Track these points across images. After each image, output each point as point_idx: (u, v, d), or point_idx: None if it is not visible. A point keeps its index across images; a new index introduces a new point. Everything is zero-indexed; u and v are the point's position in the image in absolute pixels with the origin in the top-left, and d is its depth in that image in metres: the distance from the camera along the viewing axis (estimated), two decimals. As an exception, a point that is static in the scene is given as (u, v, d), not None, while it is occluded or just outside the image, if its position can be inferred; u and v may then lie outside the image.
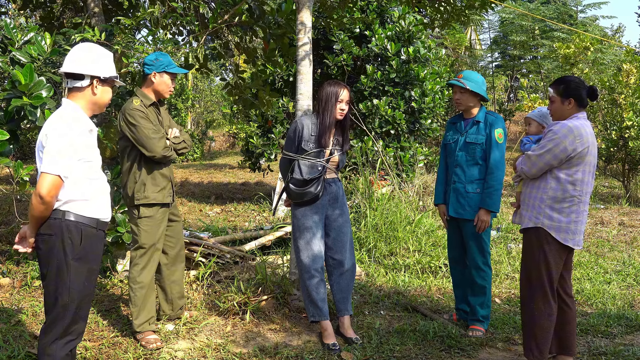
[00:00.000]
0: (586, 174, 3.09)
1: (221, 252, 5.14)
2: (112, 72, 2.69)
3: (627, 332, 3.97)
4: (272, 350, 3.47)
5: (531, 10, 17.06)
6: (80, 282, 2.52)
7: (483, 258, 3.86)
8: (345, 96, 3.65)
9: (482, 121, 3.86)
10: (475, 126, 3.87)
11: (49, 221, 2.49)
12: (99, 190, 2.62)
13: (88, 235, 2.54)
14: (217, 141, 23.66)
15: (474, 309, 3.88)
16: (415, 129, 8.53)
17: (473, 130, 3.87)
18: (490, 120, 3.84)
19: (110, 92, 2.71)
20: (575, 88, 3.11)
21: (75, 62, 2.59)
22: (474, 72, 3.95)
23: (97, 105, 2.68)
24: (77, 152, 2.49)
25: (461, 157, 3.88)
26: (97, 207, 2.59)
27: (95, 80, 2.61)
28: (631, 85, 10.58)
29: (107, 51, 2.72)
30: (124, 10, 6.47)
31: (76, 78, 2.59)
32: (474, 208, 3.82)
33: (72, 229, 2.49)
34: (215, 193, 10.76)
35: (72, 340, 2.55)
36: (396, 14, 8.47)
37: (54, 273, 2.49)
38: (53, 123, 2.50)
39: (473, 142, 3.84)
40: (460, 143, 3.90)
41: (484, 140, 3.81)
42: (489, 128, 3.81)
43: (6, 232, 5.81)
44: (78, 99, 2.62)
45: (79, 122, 2.54)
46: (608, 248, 6.51)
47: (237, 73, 6.33)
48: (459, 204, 3.87)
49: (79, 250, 2.51)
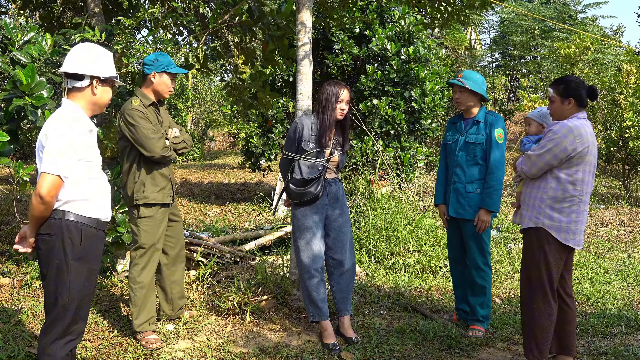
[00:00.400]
0: (586, 173, 3.09)
1: (221, 252, 5.14)
2: (112, 72, 2.69)
3: (627, 332, 3.97)
4: (272, 350, 3.48)
5: (531, 10, 17.07)
6: (80, 282, 2.52)
7: (483, 258, 3.86)
8: (346, 96, 3.65)
9: (482, 121, 3.86)
10: (475, 126, 3.88)
11: (49, 221, 2.49)
12: (99, 190, 2.62)
13: (88, 235, 2.54)
14: (217, 141, 23.67)
15: (474, 309, 3.88)
16: (415, 129, 8.53)
17: (473, 130, 3.87)
18: (490, 120, 3.84)
19: (110, 92, 2.71)
20: (575, 88, 3.11)
21: (75, 62, 2.59)
22: (474, 72, 3.95)
23: (97, 105, 2.67)
24: (77, 152, 2.49)
25: (461, 157, 3.89)
26: (97, 207, 2.59)
27: (95, 81, 2.61)
28: (631, 85, 10.58)
29: (107, 51, 2.72)
30: (124, 10, 6.47)
31: (76, 78, 2.59)
32: (474, 208, 3.82)
33: (72, 229, 2.49)
34: (215, 193, 10.76)
35: (72, 340, 2.55)
36: (396, 14, 8.47)
37: (54, 273, 2.49)
38: (53, 123, 2.50)
39: (473, 142, 3.84)
40: (460, 143, 3.91)
41: (484, 140, 3.81)
42: (489, 128, 3.82)
43: (6, 232, 5.81)
44: (78, 99, 2.62)
45: (79, 122, 2.54)
46: (608, 248, 6.52)
47: (237, 74, 6.33)
48: (459, 204, 3.88)
49: (79, 250, 2.51)
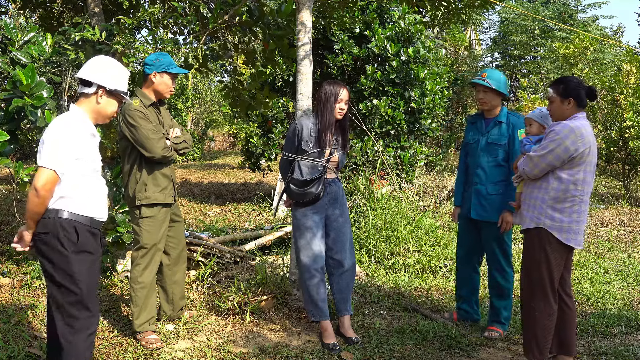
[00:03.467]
0: (587, 173, 3.09)
1: (221, 252, 5.14)
2: (119, 86, 2.73)
3: (627, 332, 3.97)
4: (272, 350, 3.47)
5: (531, 10, 17.05)
6: (84, 272, 2.56)
7: (506, 260, 3.81)
8: (345, 96, 3.65)
9: (504, 122, 3.78)
10: (497, 127, 3.80)
11: (43, 220, 2.53)
12: (94, 189, 2.66)
13: (82, 232, 2.57)
14: (217, 141, 23.68)
15: (497, 310, 3.83)
16: (415, 129, 8.53)
17: (495, 131, 3.80)
18: (512, 120, 3.77)
19: (115, 106, 2.75)
20: (574, 88, 3.11)
21: (88, 69, 2.68)
22: (496, 71, 3.87)
23: (100, 115, 2.73)
24: (76, 150, 2.54)
25: (483, 157, 3.81)
26: (92, 206, 2.62)
27: (101, 90, 2.67)
28: (631, 85, 10.57)
29: (122, 67, 2.79)
30: (124, 10, 6.46)
31: (85, 84, 2.67)
32: (496, 210, 3.74)
33: (66, 226, 2.53)
34: (215, 193, 10.76)
35: (90, 334, 2.58)
36: (396, 14, 8.47)
37: (58, 268, 2.52)
38: (56, 122, 2.57)
39: (495, 142, 3.77)
40: (481, 144, 3.83)
41: (507, 142, 3.75)
42: (511, 129, 3.75)
43: (6, 232, 5.81)
44: (83, 105, 2.69)
45: (81, 123, 2.61)
46: (608, 248, 6.51)
47: (235, 75, 6.32)
48: (480, 205, 3.80)
49: (77, 244, 2.54)
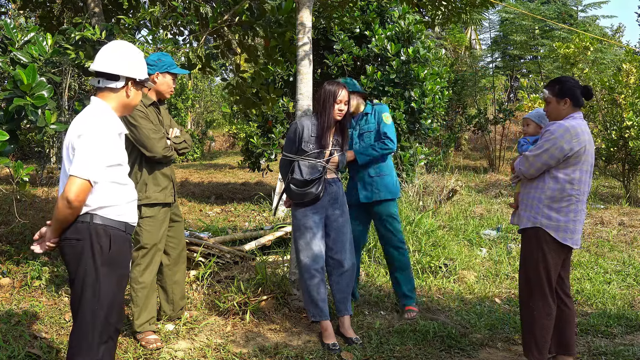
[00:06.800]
0: (584, 173, 3.10)
1: (221, 252, 5.14)
2: (146, 74, 2.62)
3: (627, 332, 3.98)
4: (272, 350, 3.48)
5: (531, 10, 17.03)
6: (110, 289, 2.42)
7: (399, 235, 4.19)
8: (344, 96, 3.64)
9: (370, 112, 4.22)
10: (364, 118, 4.24)
11: (76, 225, 2.39)
12: (127, 195, 2.53)
13: (117, 240, 2.45)
14: (217, 141, 23.68)
15: (402, 284, 4.23)
16: (415, 129, 8.53)
17: (363, 122, 4.24)
18: (377, 108, 4.21)
19: (140, 95, 2.63)
20: (570, 88, 3.12)
21: (112, 62, 2.50)
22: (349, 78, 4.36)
23: (127, 107, 2.60)
24: (109, 157, 2.41)
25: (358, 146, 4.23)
26: (125, 212, 2.51)
27: (131, 82, 2.54)
28: (631, 85, 10.56)
29: (140, 51, 2.63)
30: (124, 10, 6.46)
31: (110, 78, 2.50)
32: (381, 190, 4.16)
33: (101, 233, 2.40)
34: (215, 193, 10.76)
35: (109, 349, 2.47)
36: (396, 14, 8.47)
37: (81, 279, 2.39)
38: (87, 124, 2.40)
39: (366, 131, 4.18)
40: (354, 136, 4.27)
41: (375, 127, 4.18)
42: (377, 115, 4.19)
43: (6, 232, 5.81)
44: (110, 100, 2.52)
45: (111, 125, 2.46)
46: (608, 248, 6.52)
47: (238, 73, 6.32)
48: (365, 190, 4.17)
49: (108, 255, 2.41)
